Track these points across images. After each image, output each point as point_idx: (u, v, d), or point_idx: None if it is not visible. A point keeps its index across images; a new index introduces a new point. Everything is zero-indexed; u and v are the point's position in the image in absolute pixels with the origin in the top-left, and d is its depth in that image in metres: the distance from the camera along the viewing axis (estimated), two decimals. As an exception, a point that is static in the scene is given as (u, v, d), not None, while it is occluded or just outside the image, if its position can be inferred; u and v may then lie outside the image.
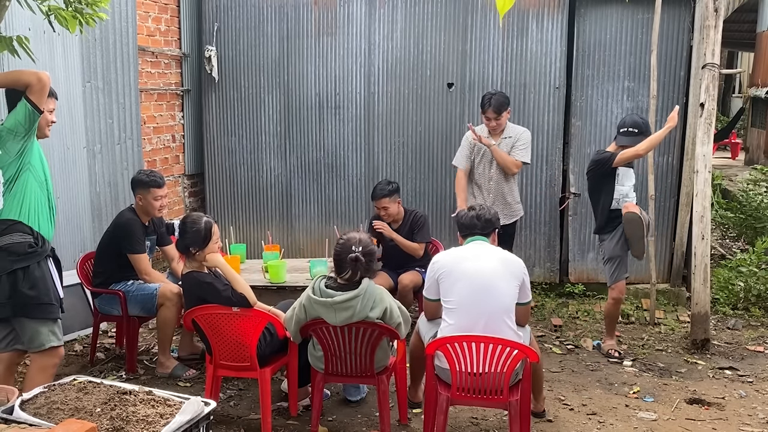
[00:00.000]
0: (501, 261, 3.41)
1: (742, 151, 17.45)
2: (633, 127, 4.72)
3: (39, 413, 2.35)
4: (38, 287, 3.27)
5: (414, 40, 6.14)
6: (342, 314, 3.32)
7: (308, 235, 6.51)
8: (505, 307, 3.33)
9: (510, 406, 3.26)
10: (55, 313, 3.36)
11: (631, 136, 4.71)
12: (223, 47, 6.39)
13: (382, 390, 3.51)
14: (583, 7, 5.90)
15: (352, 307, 3.30)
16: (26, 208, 3.28)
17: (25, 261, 3.24)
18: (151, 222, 4.58)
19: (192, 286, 3.70)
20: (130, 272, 4.46)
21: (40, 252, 3.30)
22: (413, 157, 6.28)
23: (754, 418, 3.94)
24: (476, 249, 3.49)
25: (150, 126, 6.06)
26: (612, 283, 4.81)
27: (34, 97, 3.17)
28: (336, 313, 3.32)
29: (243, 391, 4.21)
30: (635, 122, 4.76)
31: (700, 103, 4.96)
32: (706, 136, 4.95)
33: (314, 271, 4.32)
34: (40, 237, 3.32)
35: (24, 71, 3.23)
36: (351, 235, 3.44)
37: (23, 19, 4.11)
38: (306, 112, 6.39)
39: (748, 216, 7.91)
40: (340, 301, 3.30)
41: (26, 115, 3.18)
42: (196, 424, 2.37)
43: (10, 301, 3.24)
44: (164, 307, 4.35)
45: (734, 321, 5.53)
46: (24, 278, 3.24)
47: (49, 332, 3.33)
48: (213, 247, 3.73)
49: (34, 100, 3.18)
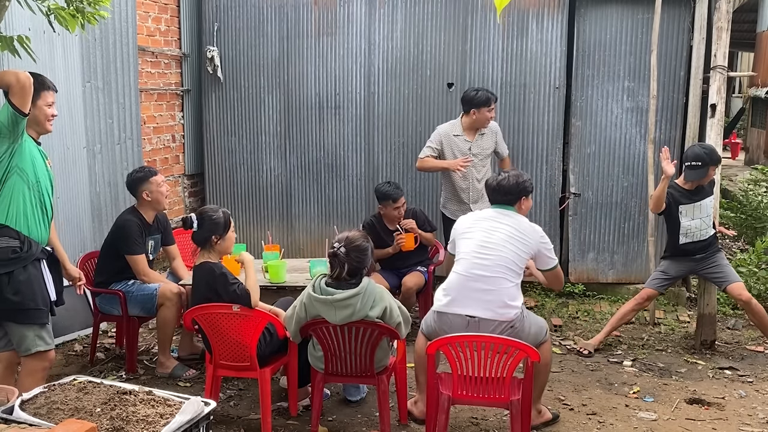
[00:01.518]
0: (515, 226, 3.59)
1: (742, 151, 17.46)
2: (695, 160, 4.60)
3: (39, 413, 2.35)
4: (22, 292, 3.22)
5: (414, 40, 6.14)
6: (342, 312, 3.32)
7: (308, 235, 6.51)
8: (505, 265, 3.48)
9: (511, 406, 3.26)
10: (42, 318, 3.31)
11: (695, 170, 4.60)
12: (223, 47, 6.39)
13: (382, 390, 3.51)
14: (583, 7, 5.90)
15: (352, 305, 3.30)
16: (13, 211, 3.24)
17: (8, 266, 3.20)
18: (155, 220, 4.59)
19: (205, 274, 3.66)
20: (130, 272, 4.46)
21: (25, 257, 3.24)
22: (413, 157, 6.25)
23: (754, 418, 3.94)
24: (496, 213, 3.68)
25: (150, 126, 6.06)
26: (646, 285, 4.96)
27: (16, 99, 3.10)
28: (336, 311, 3.32)
29: (243, 391, 4.21)
30: (697, 155, 4.62)
31: (711, 104, 4.98)
32: (718, 137, 4.97)
33: (314, 271, 4.31)
34: (27, 241, 3.26)
35: (4, 72, 3.18)
36: (341, 233, 3.47)
37: (23, 19, 4.10)
38: (306, 112, 6.39)
39: (748, 216, 7.90)
40: (340, 299, 3.30)
41: (8, 117, 3.12)
42: (196, 424, 2.37)
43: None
44: (164, 307, 4.35)
45: (734, 321, 5.53)
46: (8, 283, 3.20)
47: (36, 336, 3.29)
48: (232, 236, 3.78)
49: (16, 102, 3.10)
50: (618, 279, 6.15)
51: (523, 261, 3.55)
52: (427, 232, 5.11)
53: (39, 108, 3.34)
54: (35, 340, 3.29)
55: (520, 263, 3.54)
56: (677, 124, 5.89)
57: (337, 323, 3.34)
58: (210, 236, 3.69)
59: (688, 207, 4.71)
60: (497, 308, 3.43)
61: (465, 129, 5.20)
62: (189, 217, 3.72)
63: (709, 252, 4.75)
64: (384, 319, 3.38)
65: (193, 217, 3.70)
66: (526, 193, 3.73)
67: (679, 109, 5.86)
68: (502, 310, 3.44)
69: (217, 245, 3.72)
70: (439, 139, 5.20)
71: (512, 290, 3.49)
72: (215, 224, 3.69)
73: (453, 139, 5.18)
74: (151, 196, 4.45)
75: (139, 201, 4.51)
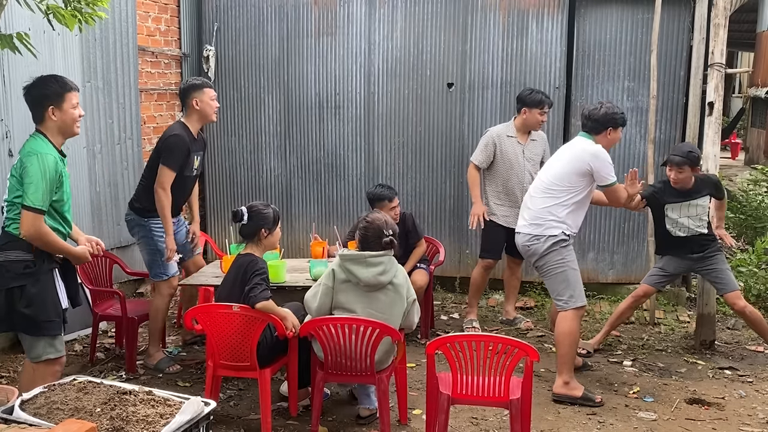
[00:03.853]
0: (571, 146, 4.18)
1: (742, 151, 17.47)
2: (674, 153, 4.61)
3: (39, 413, 2.35)
4: (35, 305, 3.18)
5: (414, 40, 6.14)
6: (374, 269, 3.47)
7: (308, 235, 6.50)
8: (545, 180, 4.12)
9: (511, 405, 3.26)
10: (54, 329, 3.26)
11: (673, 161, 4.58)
12: (223, 47, 6.39)
13: (382, 390, 3.51)
14: (583, 6, 5.90)
15: (384, 263, 3.49)
16: None
17: (21, 280, 3.16)
18: (200, 135, 4.52)
19: (246, 262, 3.66)
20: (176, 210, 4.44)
21: (37, 271, 3.20)
22: (413, 157, 6.28)
23: (754, 418, 3.94)
24: (573, 140, 4.23)
25: (150, 126, 6.06)
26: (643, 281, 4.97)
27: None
28: (368, 268, 3.47)
29: (243, 391, 4.21)
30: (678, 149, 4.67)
31: (709, 102, 4.96)
32: (716, 135, 4.95)
33: (314, 272, 4.31)
34: (41, 255, 3.21)
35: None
36: (375, 216, 3.61)
37: (23, 19, 4.10)
38: (306, 112, 6.39)
39: (748, 216, 7.91)
40: (372, 255, 3.49)
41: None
42: (196, 424, 2.37)
43: (8, 317, 3.18)
44: (158, 296, 4.36)
45: (734, 321, 5.53)
46: (21, 297, 3.16)
47: (47, 345, 3.26)
48: (278, 232, 3.87)
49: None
50: (618, 279, 6.14)
51: (564, 177, 4.04)
52: (414, 242, 5.01)
53: (65, 112, 3.22)
54: (46, 348, 3.25)
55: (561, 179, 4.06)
56: (677, 124, 5.88)
57: (369, 281, 3.45)
58: (259, 229, 3.74)
59: (676, 205, 4.64)
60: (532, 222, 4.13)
61: (518, 131, 5.13)
62: (240, 210, 3.74)
63: (707, 252, 4.68)
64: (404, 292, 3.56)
65: (243, 210, 3.75)
66: (614, 124, 4.07)
67: (679, 109, 5.85)
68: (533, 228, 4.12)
69: (265, 239, 3.78)
70: (492, 140, 5.10)
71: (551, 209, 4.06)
72: (265, 218, 3.75)
73: (506, 140, 5.10)
74: (200, 105, 4.35)
75: (188, 110, 4.40)
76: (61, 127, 3.23)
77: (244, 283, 3.56)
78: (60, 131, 3.24)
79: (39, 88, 3.20)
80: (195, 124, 4.42)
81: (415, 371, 4.47)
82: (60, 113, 3.19)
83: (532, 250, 4.14)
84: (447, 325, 5.45)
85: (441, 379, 3.41)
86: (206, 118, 4.43)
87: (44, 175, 3.08)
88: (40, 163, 3.08)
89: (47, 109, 3.18)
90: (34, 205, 3.06)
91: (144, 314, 4.53)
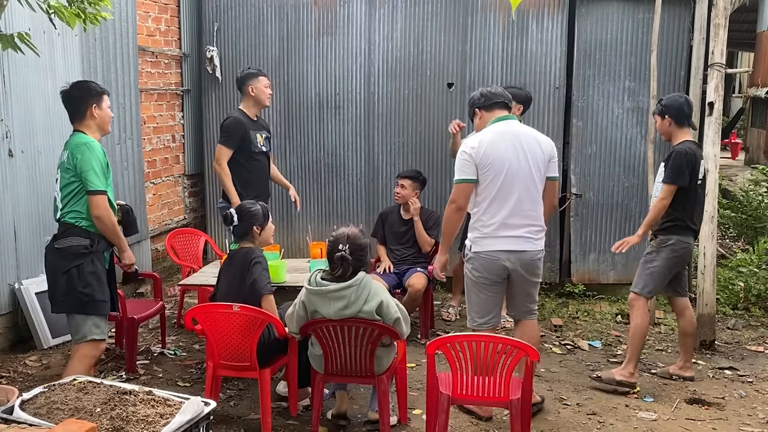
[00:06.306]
0: None
1: (742, 151, 17.46)
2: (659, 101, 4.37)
3: (39, 413, 2.35)
4: (92, 285, 3.49)
5: (414, 40, 6.14)
6: (336, 304, 3.31)
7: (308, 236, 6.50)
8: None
9: (511, 405, 3.26)
10: (104, 309, 3.57)
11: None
12: (223, 47, 6.39)
13: (382, 390, 3.51)
14: (584, 6, 5.90)
15: (346, 296, 3.29)
16: (85, 214, 3.48)
17: (80, 260, 3.47)
18: (259, 118, 4.99)
19: (246, 253, 3.70)
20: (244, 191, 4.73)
21: (94, 251, 3.51)
22: (413, 157, 6.28)
23: (754, 418, 3.94)
24: None
25: (150, 126, 6.06)
26: None
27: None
28: (330, 303, 3.32)
29: (243, 391, 4.21)
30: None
31: (709, 103, 4.96)
32: (716, 135, 4.95)
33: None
34: (95, 238, 3.52)
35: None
36: (340, 231, 3.44)
37: (23, 19, 4.11)
38: (306, 112, 6.40)
39: (748, 216, 7.92)
40: (334, 289, 3.30)
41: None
42: (196, 424, 2.37)
43: (66, 298, 3.47)
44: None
45: (734, 321, 5.53)
46: (79, 277, 3.46)
47: (93, 325, 3.52)
48: (271, 226, 3.90)
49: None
50: (619, 279, 6.14)
51: None
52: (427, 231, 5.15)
53: (104, 110, 3.57)
54: (92, 328, 3.51)
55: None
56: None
57: (332, 316, 3.33)
58: (251, 227, 3.77)
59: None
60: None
61: None
62: (228, 212, 3.79)
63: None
64: (381, 314, 3.35)
65: (232, 212, 3.80)
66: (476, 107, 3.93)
67: (679, 109, 5.85)
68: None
69: (259, 236, 3.81)
70: None
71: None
72: (254, 215, 3.79)
73: None
74: (255, 91, 4.82)
75: (244, 97, 4.88)
76: (100, 124, 3.57)
77: (244, 273, 3.62)
78: (99, 128, 3.58)
79: (81, 90, 3.53)
80: (252, 109, 4.89)
81: (415, 371, 4.47)
82: (100, 111, 3.55)
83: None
84: (447, 325, 5.45)
85: (441, 379, 3.40)
86: (261, 103, 4.89)
87: (96, 160, 3.44)
88: (90, 151, 3.43)
89: (90, 107, 3.52)
90: (98, 188, 3.43)
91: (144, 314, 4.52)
